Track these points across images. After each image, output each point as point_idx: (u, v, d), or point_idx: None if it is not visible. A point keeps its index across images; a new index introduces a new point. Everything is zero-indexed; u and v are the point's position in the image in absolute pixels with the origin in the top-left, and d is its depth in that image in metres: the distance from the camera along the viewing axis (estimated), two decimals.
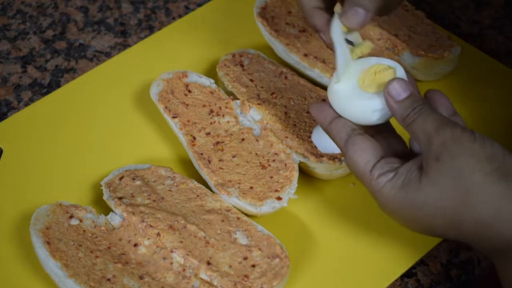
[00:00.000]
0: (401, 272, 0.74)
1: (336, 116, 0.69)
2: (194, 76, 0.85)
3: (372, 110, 0.67)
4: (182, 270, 0.71)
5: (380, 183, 0.65)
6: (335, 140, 0.69)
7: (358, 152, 0.66)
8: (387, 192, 0.64)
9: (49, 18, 0.98)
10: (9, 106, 0.89)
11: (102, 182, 0.77)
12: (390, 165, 0.65)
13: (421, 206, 0.63)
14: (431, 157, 0.62)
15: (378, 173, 0.65)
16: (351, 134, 0.67)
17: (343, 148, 0.68)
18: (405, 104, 0.65)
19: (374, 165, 0.65)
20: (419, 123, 0.64)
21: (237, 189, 0.76)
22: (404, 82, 0.66)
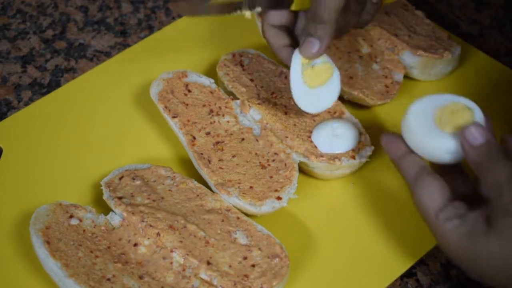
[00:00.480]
0: (401, 272, 0.74)
1: (407, 151, 0.69)
2: (194, 75, 0.85)
3: (446, 151, 0.67)
4: (182, 269, 0.71)
5: (445, 229, 0.64)
6: (403, 175, 0.69)
7: (426, 193, 0.66)
8: (451, 238, 0.64)
9: (49, 18, 0.98)
10: (9, 106, 0.89)
11: (102, 182, 0.77)
12: (457, 211, 0.65)
13: (486, 260, 0.62)
14: (500, 210, 0.62)
15: (444, 218, 0.64)
16: (421, 173, 0.67)
17: (411, 186, 0.67)
18: (480, 150, 0.64)
19: (441, 209, 0.65)
20: (492, 172, 0.63)
21: (237, 189, 0.76)
22: (482, 128, 0.65)
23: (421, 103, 0.70)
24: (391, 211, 0.78)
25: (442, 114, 0.69)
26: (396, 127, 0.73)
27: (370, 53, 0.89)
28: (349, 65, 0.87)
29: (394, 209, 0.78)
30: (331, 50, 0.88)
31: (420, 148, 0.69)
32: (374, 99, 0.85)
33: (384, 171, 0.81)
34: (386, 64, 0.88)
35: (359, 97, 0.85)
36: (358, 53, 0.89)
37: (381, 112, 0.87)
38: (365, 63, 0.88)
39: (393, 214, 0.78)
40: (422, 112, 0.69)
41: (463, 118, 0.67)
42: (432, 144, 0.68)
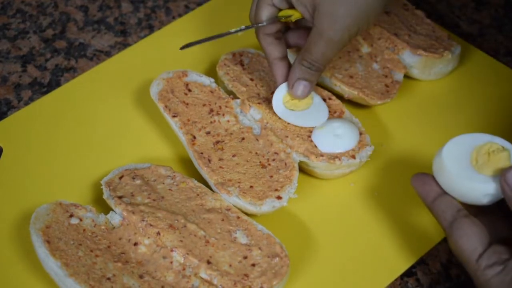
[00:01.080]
0: (401, 271, 0.74)
1: (440, 192, 0.67)
2: (194, 75, 0.85)
3: (484, 193, 0.66)
4: (182, 269, 0.71)
5: (487, 275, 0.63)
6: (438, 219, 0.67)
7: (464, 238, 0.64)
8: (495, 285, 0.63)
9: (49, 18, 0.98)
10: (9, 105, 0.89)
11: (102, 181, 0.77)
12: (498, 256, 0.63)
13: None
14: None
15: (485, 264, 0.63)
16: (457, 216, 0.65)
17: (447, 230, 0.66)
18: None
19: (481, 255, 0.64)
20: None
21: (237, 188, 0.76)
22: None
23: (455, 143, 0.69)
24: (391, 211, 0.78)
25: (478, 155, 0.67)
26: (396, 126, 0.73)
27: (370, 52, 0.89)
28: (349, 64, 0.87)
29: (394, 209, 0.78)
30: None
31: (455, 189, 0.67)
32: (374, 98, 0.85)
33: (384, 171, 0.81)
34: (386, 64, 0.88)
35: (359, 96, 0.85)
36: (358, 53, 0.89)
37: (381, 112, 0.87)
38: (365, 62, 0.88)
39: (393, 214, 0.78)
40: (456, 152, 0.68)
41: (500, 160, 0.66)
42: (469, 186, 0.66)
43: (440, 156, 0.68)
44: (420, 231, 0.77)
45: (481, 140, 0.68)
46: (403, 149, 0.83)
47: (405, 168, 0.82)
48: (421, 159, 0.82)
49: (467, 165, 0.67)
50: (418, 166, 0.82)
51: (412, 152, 0.83)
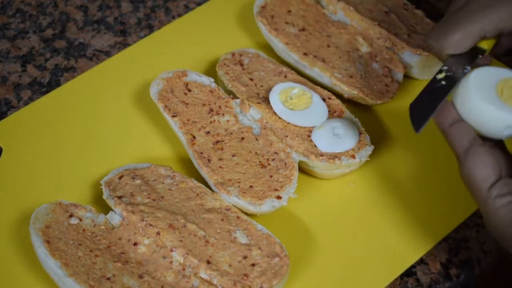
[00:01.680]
0: (401, 271, 0.74)
1: (458, 119, 0.65)
2: (193, 75, 0.85)
3: (507, 125, 0.64)
4: (182, 269, 0.71)
5: (496, 204, 0.62)
6: (453, 144, 0.65)
7: (478, 166, 0.63)
8: (503, 215, 0.62)
9: (49, 17, 0.98)
10: (9, 105, 0.89)
11: (101, 181, 0.77)
12: (510, 188, 0.63)
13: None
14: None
15: (496, 193, 0.63)
16: (474, 143, 0.64)
17: (461, 156, 0.64)
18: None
19: (493, 184, 0.63)
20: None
21: (237, 188, 0.76)
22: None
23: (483, 71, 0.66)
24: (391, 211, 0.78)
25: (504, 86, 0.65)
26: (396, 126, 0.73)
27: (370, 52, 0.89)
28: (349, 64, 0.87)
29: (393, 209, 0.78)
30: (331, 49, 0.88)
31: (476, 118, 0.64)
32: (374, 98, 0.85)
33: (384, 171, 0.81)
34: (386, 63, 0.88)
35: (359, 96, 0.85)
36: (358, 52, 0.89)
37: (381, 111, 0.87)
38: (365, 62, 0.88)
39: (392, 214, 0.78)
40: (484, 80, 0.65)
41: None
42: (493, 114, 0.64)
43: (466, 82, 0.66)
44: (420, 231, 0.77)
45: (508, 74, 0.66)
46: (403, 149, 0.83)
47: (405, 167, 0.82)
48: (421, 159, 0.82)
49: (493, 95, 0.65)
50: (418, 165, 0.82)
51: (412, 151, 0.83)
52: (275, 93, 0.82)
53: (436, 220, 0.77)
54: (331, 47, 0.89)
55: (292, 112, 0.81)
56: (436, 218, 0.77)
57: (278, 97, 0.82)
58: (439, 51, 0.68)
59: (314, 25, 0.91)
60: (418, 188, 0.80)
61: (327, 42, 0.89)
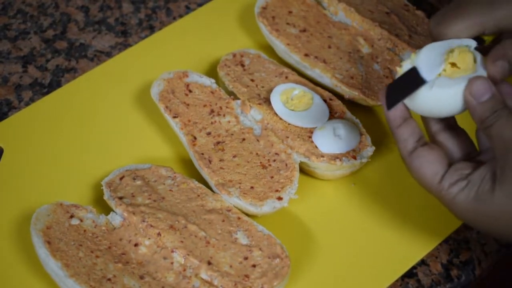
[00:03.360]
0: (402, 272, 0.74)
1: (406, 116, 0.67)
2: (194, 76, 0.85)
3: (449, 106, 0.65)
4: (183, 270, 0.71)
5: (452, 193, 0.64)
6: (399, 145, 0.67)
7: (425, 164, 0.65)
8: (460, 202, 0.63)
9: (50, 18, 0.98)
10: (10, 106, 0.89)
11: (102, 182, 0.77)
12: (460, 172, 0.64)
13: (498, 217, 0.62)
14: (508, 168, 0.61)
15: (448, 183, 0.64)
16: (417, 146, 0.66)
17: (407, 159, 0.66)
18: (486, 106, 0.63)
19: (443, 176, 0.64)
20: (497, 128, 0.62)
21: (238, 189, 0.76)
22: (487, 82, 0.63)
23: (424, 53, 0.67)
24: (392, 212, 0.78)
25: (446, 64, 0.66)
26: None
27: (371, 53, 0.89)
28: (350, 65, 0.87)
29: (394, 210, 0.78)
30: (332, 50, 0.88)
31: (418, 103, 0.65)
32: (375, 99, 0.85)
33: (385, 172, 0.81)
34: (387, 64, 0.88)
35: (360, 97, 0.85)
36: (359, 53, 0.89)
37: (382, 113, 0.87)
38: (366, 63, 0.88)
39: (393, 215, 0.78)
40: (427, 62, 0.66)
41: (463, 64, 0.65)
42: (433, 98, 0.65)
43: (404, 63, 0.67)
44: (421, 232, 0.76)
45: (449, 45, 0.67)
46: None
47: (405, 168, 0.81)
48: None
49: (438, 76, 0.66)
50: None
51: None
52: (276, 94, 0.82)
53: (437, 221, 0.77)
54: (332, 48, 0.89)
55: (293, 113, 0.81)
56: (437, 219, 0.77)
57: (279, 98, 0.82)
58: (438, 36, 0.69)
59: (315, 26, 0.91)
60: (419, 189, 0.80)
61: (328, 43, 0.89)
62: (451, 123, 0.69)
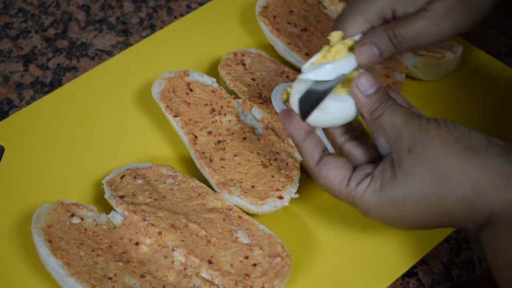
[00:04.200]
0: (402, 271, 0.74)
1: (309, 130, 0.69)
2: (195, 75, 0.85)
3: (344, 110, 0.67)
4: (183, 269, 0.71)
5: (359, 192, 0.66)
6: (305, 158, 0.69)
7: (331, 171, 0.68)
8: (368, 198, 0.66)
9: (51, 17, 0.98)
10: (11, 105, 0.89)
11: (103, 181, 0.77)
12: (363, 172, 0.67)
13: (403, 201, 0.64)
14: (402, 150, 0.64)
15: (355, 184, 0.66)
16: (323, 155, 0.69)
17: (314, 169, 0.69)
18: (373, 98, 0.66)
19: (350, 178, 0.67)
20: (386, 116, 0.65)
21: (239, 188, 0.76)
22: (372, 77, 0.66)
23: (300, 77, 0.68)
24: None
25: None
26: None
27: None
28: None
29: None
30: None
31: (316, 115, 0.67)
32: None
33: None
34: (387, 64, 0.88)
35: None
36: None
37: None
38: None
39: None
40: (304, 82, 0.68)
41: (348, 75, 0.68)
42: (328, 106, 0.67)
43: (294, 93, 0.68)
44: (421, 231, 0.76)
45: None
46: None
47: None
48: None
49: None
50: None
51: None
52: (277, 93, 0.82)
53: None
54: None
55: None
56: None
57: (280, 97, 0.82)
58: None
59: (316, 25, 0.91)
60: None
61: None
62: (355, 134, 0.71)
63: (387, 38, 0.69)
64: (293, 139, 0.70)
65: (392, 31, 0.69)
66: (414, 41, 0.69)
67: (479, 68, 0.91)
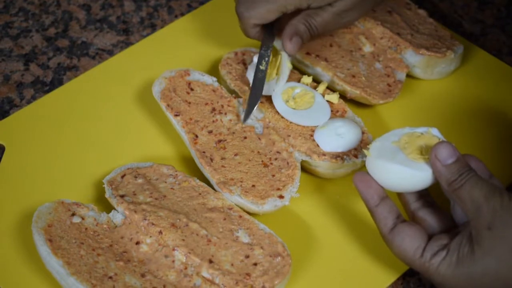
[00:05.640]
0: (403, 270, 0.74)
1: (383, 196, 0.69)
2: (196, 74, 0.85)
3: (420, 177, 0.68)
4: (184, 268, 0.71)
5: (434, 264, 0.65)
6: (379, 224, 0.69)
7: (406, 239, 0.67)
8: (443, 271, 0.65)
9: (52, 16, 0.98)
10: (12, 104, 0.89)
11: (104, 180, 0.77)
12: (439, 243, 0.66)
13: (481, 278, 0.63)
14: (481, 226, 0.63)
15: (430, 255, 0.65)
16: (397, 222, 0.68)
17: (388, 235, 0.68)
18: (452, 169, 0.65)
19: (424, 248, 0.66)
20: (466, 189, 0.64)
21: (239, 188, 0.76)
22: (452, 146, 0.66)
23: (379, 140, 0.71)
24: None
25: (406, 143, 0.69)
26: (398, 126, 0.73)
27: (373, 52, 0.89)
28: (352, 64, 0.87)
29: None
30: (333, 48, 0.88)
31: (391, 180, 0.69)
32: (376, 98, 0.85)
33: None
34: (388, 63, 0.88)
35: (362, 96, 0.85)
36: (360, 52, 0.89)
37: (384, 111, 0.87)
38: (368, 62, 0.88)
39: None
40: (383, 147, 0.70)
41: (428, 142, 0.68)
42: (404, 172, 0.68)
43: (370, 156, 0.70)
44: None
45: (403, 132, 0.71)
46: None
47: None
48: None
49: (398, 156, 0.69)
50: None
51: None
52: (277, 93, 0.82)
53: None
54: (333, 46, 0.89)
55: (295, 112, 0.81)
56: None
57: (280, 97, 0.82)
58: (248, 20, 0.82)
59: None
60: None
61: (329, 42, 0.89)
62: (429, 201, 0.71)
63: (306, 29, 0.81)
64: (366, 204, 0.70)
65: (308, 23, 0.81)
66: (323, 29, 0.82)
67: (480, 67, 0.91)
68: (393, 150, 0.69)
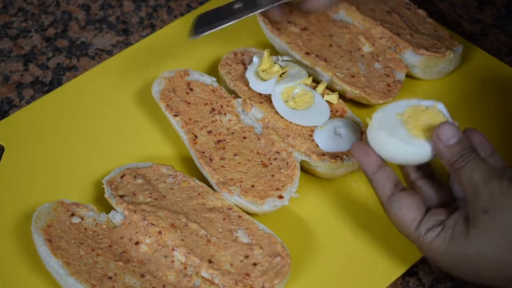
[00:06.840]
0: (403, 271, 0.74)
1: (380, 164, 0.69)
2: (195, 74, 0.85)
3: (420, 154, 0.68)
4: (184, 268, 0.71)
5: (428, 239, 0.65)
6: (377, 192, 0.69)
7: (403, 209, 0.67)
8: (436, 247, 0.65)
9: (51, 16, 0.98)
10: (11, 104, 0.89)
11: (103, 180, 0.77)
12: (436, 218, 0.66)
13: (474, 260, 0.63)
14: (478, 209, 0.63)
15: (425, 229, 0.66)
16: (395, 191, 0.68)
17: (385, 203, 0.68)
18: (454, 149, 0.65)
19: (421, 221, 0.66)
20: (466, 171, 0.64)
21: (239, 188, 0.76)
22: (455, 127, 0.66)
23: (383, 110, 0.71)
24: None
25: (409, 117, 0.69)
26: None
27: (372, 52, 0.89)
28: (351, 64, 0.87)
29: None
30: (332, 48, 0.88)
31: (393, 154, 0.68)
32: (376, 98, 0.85)
33: None
34: (388, 63, 0.88)
35: (361, 96, 0.85)
36: (360, 52, 0.89)
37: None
38: (367, 62, 0.88)
39: None
40: (386, 118, 0.69)
41: (431, 118, 0.68)
42: (405, 149, 0.67)
43: (371, 125, 0.69)
44: None
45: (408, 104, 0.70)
46: None
47: None
48: None
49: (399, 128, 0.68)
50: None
51: None
52: (277, 93, 0.82)
53: None
54: (333, 46, 0.89)
55: (294, 112, 0.81)
56: None
57: (280, 97, 0.82)
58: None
59: (316, 25, 0.91)
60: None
61: (329, 42, 0.89)
62: (429, 172, 0.71)
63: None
64: (365, 172, 0.70)
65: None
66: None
67: (479, 67, 0.91)
68: (395, 123, 0.69)
